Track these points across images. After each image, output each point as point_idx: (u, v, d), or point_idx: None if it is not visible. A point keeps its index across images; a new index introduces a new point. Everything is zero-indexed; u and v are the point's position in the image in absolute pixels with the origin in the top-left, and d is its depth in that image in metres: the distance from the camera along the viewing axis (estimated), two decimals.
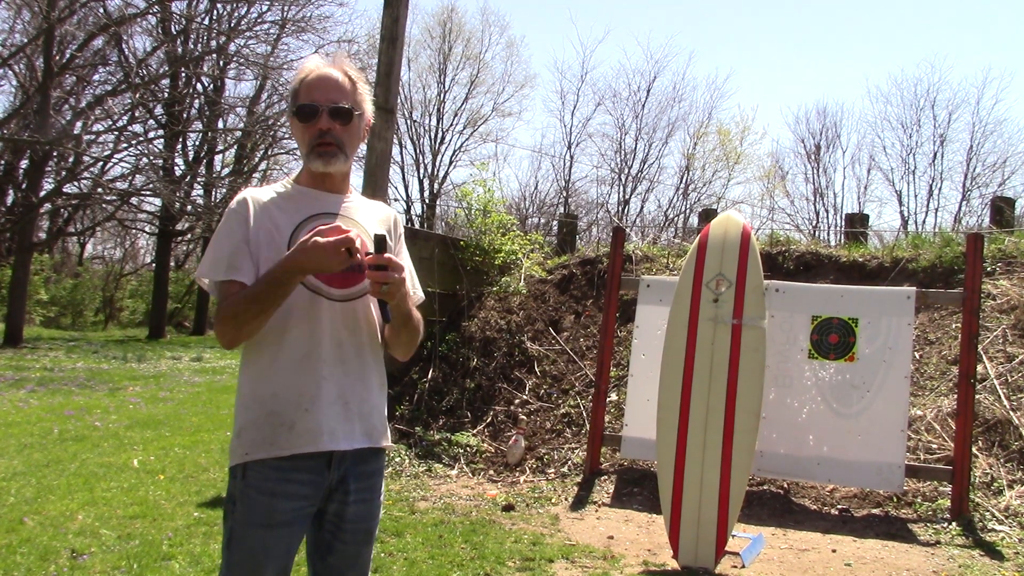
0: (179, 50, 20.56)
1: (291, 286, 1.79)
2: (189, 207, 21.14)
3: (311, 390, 1.85)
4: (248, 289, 1.80)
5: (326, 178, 1.95)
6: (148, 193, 19.79)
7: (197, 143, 23.82)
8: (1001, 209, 8.72)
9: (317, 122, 1.90)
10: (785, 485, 5.45)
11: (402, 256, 2.03)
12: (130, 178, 20.30)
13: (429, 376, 7.02)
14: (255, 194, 1.92)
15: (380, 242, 1.77)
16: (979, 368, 5.57)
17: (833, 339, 5.21)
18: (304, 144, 1.93)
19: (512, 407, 6.70)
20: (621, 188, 26.22)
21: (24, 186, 18.90)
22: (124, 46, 19.91)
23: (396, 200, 26.69)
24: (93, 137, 19.07)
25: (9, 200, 20.11)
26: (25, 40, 18.00)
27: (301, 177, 1.99)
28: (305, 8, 20.87)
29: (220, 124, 23.50)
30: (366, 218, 1.99)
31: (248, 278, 1.83)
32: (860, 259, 7.04)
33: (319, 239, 1.74)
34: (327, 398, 1.86)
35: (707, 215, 9.54)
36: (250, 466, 1.83)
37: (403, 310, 1.90)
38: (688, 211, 25.51)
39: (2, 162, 19.78)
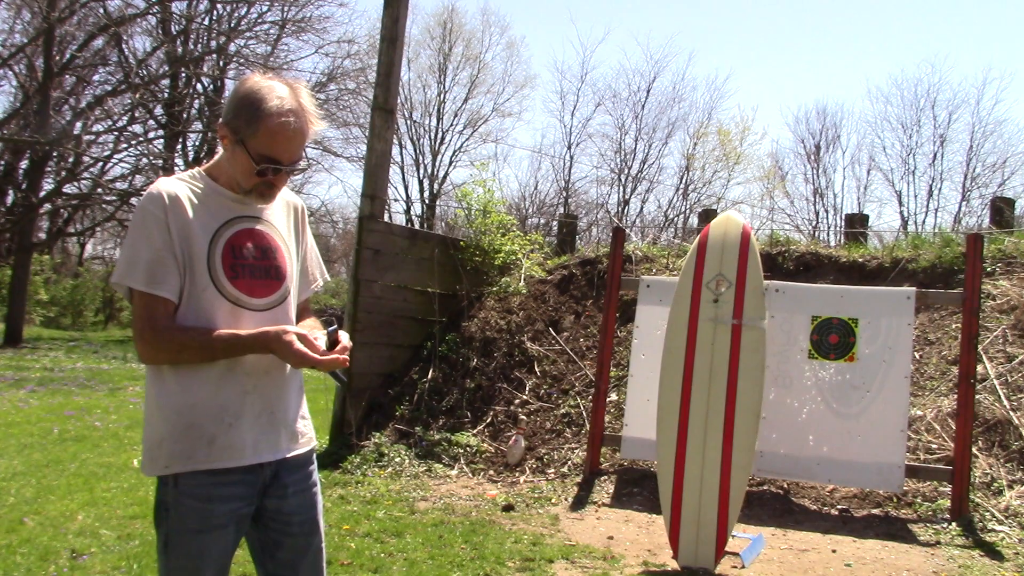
0: (179, 50, 20.53)
1: (249, 353, 1.82)
2: None
3: (234, 404, 1.82)
4: (205, 339, 1.77)
5: None
6: None
7: (197, 143, 23.77)
8: (1001, 209, 8.71)
9: (272, 177, 1.86)
10: (785, 485, 5.45)
11: (306, 241, 2.07)
12: (130, 178, 20.29)
13: (429, 376, 7.02)
14: (170, 190, 1.82)
15: (332, 335, 1.87)
16: (979, 368, 5.57)
17: (833, 339, 5.21)
18: (245, 180, 1.86)
19: (512, 407, 6.70)
20: (621, 188, 26.21)
21: (24, 186, 18.88)
22: (124, 46, 19.90)
23: (396, 200, 26.73)
24: (93, 137, 19.08)
25: (9, 200, 20.06)
26: (25, 40, 18.00)
27: (219, 176, 1.90)
28: (305, 8, 20.85)
29: None
30: (278, 218, 1.98)
31: (173, 294, 1.79)
32: (860, 259, 7.04)
33: (303, 348, 1.76)
34: (252, 411, 1.84)
35: (707, 215, 9.54)
36: (181, 475, 1.79)
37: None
38: (688, 211, 25.48)
39: (2, 162, 19.74)
